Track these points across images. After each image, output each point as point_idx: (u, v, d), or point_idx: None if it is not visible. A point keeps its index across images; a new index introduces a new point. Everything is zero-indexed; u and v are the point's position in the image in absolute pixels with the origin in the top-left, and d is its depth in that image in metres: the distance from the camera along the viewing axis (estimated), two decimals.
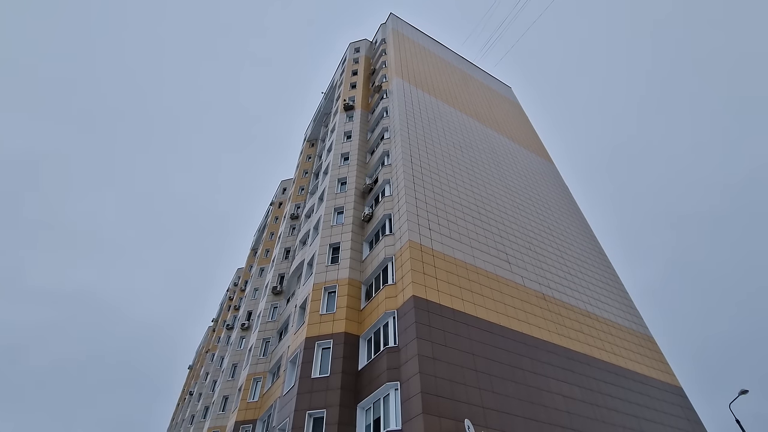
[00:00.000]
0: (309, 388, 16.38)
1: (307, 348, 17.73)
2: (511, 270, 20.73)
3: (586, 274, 25.19)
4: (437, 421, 12.61)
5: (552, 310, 20.28)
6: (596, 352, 19.89)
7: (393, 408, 13.97)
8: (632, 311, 25.38)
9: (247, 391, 24.59)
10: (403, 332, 15.43)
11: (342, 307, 18.73)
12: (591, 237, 30.15)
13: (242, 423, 23.07)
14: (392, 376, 14.57)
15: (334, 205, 24.40)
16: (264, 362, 25.53)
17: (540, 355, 17.43)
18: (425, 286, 16.59)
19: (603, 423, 16.73)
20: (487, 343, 16.22)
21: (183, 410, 51.53)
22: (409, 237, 18.29)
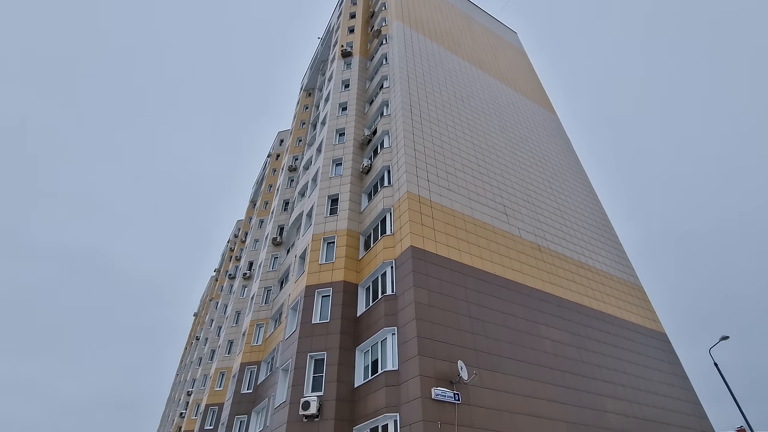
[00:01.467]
0: (310, 332, 17.12)
1: (308, 296, 18.32)
2: (509, 222, 20.95)
3: (582, 226, 25.50)
4: (432, 362, 13.32)
5: (546, 261, 20.76)
6: (586, 300, 20.63)
7: (390, 351, 14.70)
8: (624, 262, 26.01)
9: (250, 335, 25.73)
10: (401, 281, 15.87)
11: (341, 257, 19.11)
12: (589, 190, 30.18)
13: (247, 364, 24.38)
14: (389, 321, 15.18)
15: (332, 157, 24.12)
16: (266, 309, 26.48)
17: (532, 303, 18.08)
18: (423, 236, 16.82)
19: (588, 365, 17.72)
20: (482, 291, 16.75)
21: (191, 353, 54.21)
22: (407, 188, 18.28)
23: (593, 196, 29.90)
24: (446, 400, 12.66)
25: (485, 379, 14.03)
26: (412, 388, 12.83)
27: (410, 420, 12.35)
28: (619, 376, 18.47)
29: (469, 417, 12.82)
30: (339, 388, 15.19)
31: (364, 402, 14.52)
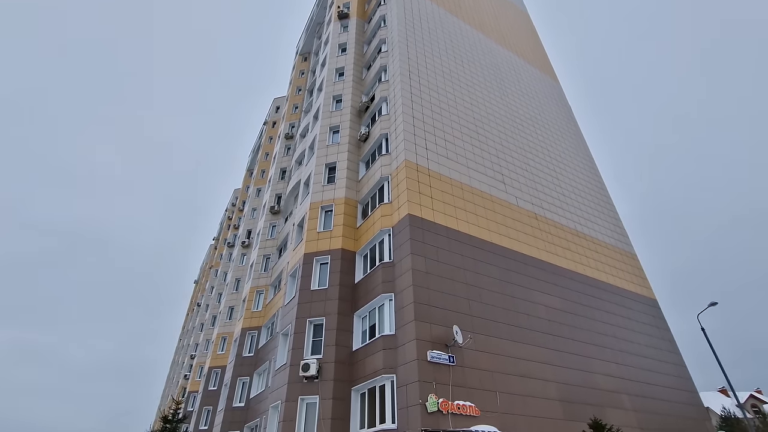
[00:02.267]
0: (309, 298, 17.47)
1: (306, 263, 18.55)
2: (506, 190, 20.95)
3: (579, 195, 25.56)
4: (428, 327, 13.70)
5: (543, 229, 20.95)
6: (580, 268, 21.00)
7: (387, 316, 15.08)
8: (619, 230, 26.28)
9: (250, 302, 26.24)
10: (398, 248, 16.05)
11: (339, 225, 19.21)
12: (588, 158, 30.04)
13: (248, 329, 25.01)
14: (387, 288, 15.47)
15: (329, 124, 23.74)
16: (265, 277, 26.87)
17: (527, 270, 18.40)
18: (420, 205, 16.86)
19: (579, 329, 18.27)
20: (478, 258, 16.98)
21: (192, 319, 55.45)
22: (405, 157, 18.13)
23: (591, 164, 29.80)
24: (441, 362, 13.12)
25: (479, 343, 14.49)
26: (408, 351, 13.27)
27: (406, 381, 12.84)
28: (608, 339, 19.10)
29: (463, 378, 13.34)
30: (337, 351, 15.68)
31: (362, 364, 15.03)
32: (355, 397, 14.89)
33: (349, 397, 14.88)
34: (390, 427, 12.62)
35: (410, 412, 12.17)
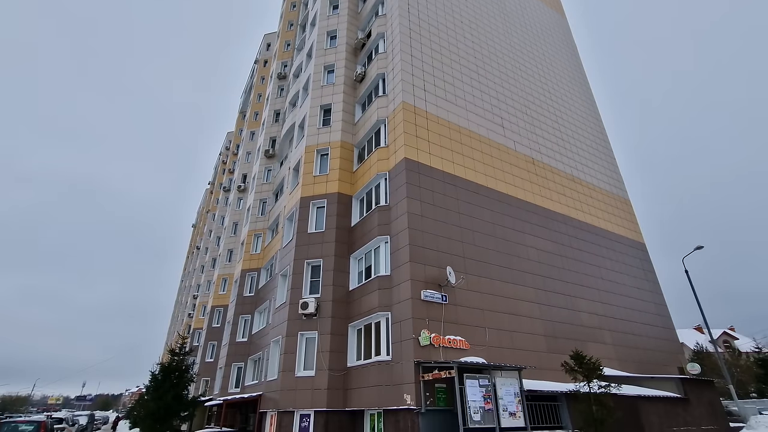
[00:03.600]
0: (306, 241, 17.82)
1: (303, 207, 18.68)
2: (504, 134, 20.64)
3: (577, 139, 25.26)
4: (422, 268, 14.15)
5: (539, 174, 20.95)
6: (573, 212, 21.32)
7: (383, 258, 15.49)
8: (615, 176, 26.34)
9: (249, 245, 26.74)
10: (394, 192, 16.10)
11: (335, 169, 19.09)
12: (590, 101, 29.29)
13: (247, 271, 25.74)
14: (383, 231, 15.75)
15: (323, 63, 22.70)
16: (263, 220, 27.14)
17: (521, 214, 18.67)
18: (417, 148, 16.66)
19: (568, 271, 18.95)
20: (473, 203, 17.14)
21: (193, 261, 56.73)
22: (402, 98, 17.58)
23: (593, 107, 29.13)
24: (434, 301, 13.73)
25: (471, 283, 15.07)
26: (403, 291, 13.82)
27: (401, 318, 13.51)
28: (595, 281, 19.90)
29: (455, 315, 14.04)
30: (335, 291, 16.30)
31: (358, 303, 15.71)
32: (351, 333, 15.74)
33: (346, 333, 15.73)
34: (385, 359, 13.48)
35: (404, 346, 12.94)
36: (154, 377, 19.41)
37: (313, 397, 14.55)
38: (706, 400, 15.75)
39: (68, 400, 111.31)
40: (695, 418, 14.77)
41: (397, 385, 12.54)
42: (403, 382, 12.38)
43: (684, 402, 14.86)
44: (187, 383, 19.73)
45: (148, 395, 19.79)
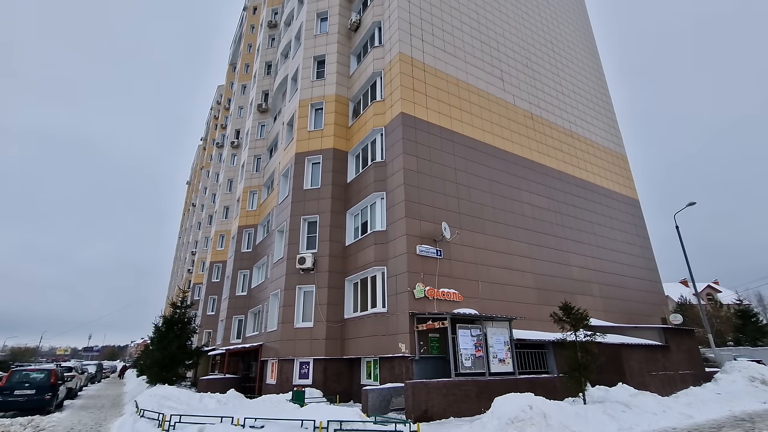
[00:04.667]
0: (302, 197, 17.82)
1: (298, 163, 18.49)
2: (504, 88, 20.10)
3: (578, 93, 24.69)
4: (418, 223, 14.30)
5: (537, 129, 20.67)
6: (570, 169, 21.29)
7: (379, 213, 15.59)
8: (614, 132, 26.07)
9: (245, 201, 26.71)
10: (390, 148, 15.91)
11: (330, 123, 18.70)
12: (593, 52, 28.33)
13: (244, 227, 25.90)
14: (379, 187, 15.72)
15: (316, 10, 21.53)
16: (257, 177, 26.93)
17: (517, 171, 18.62)
18: (414, 102, 16.26)
19: (561, 227, 19.24)
20: (470, 158, 17.02)
21: (189, 218, 56.87)
22: (399, 49, 16.89)
23: (596, 59, 28.22)
24: (429, 256, 14.01)
25: (466, 239, 15.32)
26: (398, 246, 14.04)
27: (396, 271, 13.84)
28: (587, 236, 20.27)
29: (449, 269, 14.39)
30: (331, 246, 16.55)
31: (354, 257, 16.00)
32: (348, 286, 16.17)
33: (343, 286, 16.15)
34: (380, 311, 13.96)
35: (399, 299, 13.36)
36: (158, 329, 20.11)
37: (311, 346, 15.20)
38: (685, 347, 16.63)
39: (76, 351, 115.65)
40: (673, 363, 15.67)
41: (393, 335, 13.09)
42: (398, 332, 12.91)
43: (664, 349, 15.70)
44: (190, 334, 20.47)
45: (153, 346, 20.60)
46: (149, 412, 9.66)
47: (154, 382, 18.35)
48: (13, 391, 13.52)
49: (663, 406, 10.70)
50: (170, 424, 8.59)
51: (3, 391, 13.46)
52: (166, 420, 8.69)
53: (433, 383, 10.68)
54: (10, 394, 13.45)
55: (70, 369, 22.98)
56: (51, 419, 12.31)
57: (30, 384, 13.83)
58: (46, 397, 13.69)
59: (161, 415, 8.95)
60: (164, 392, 12.98)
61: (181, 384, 19.94)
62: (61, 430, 10.48)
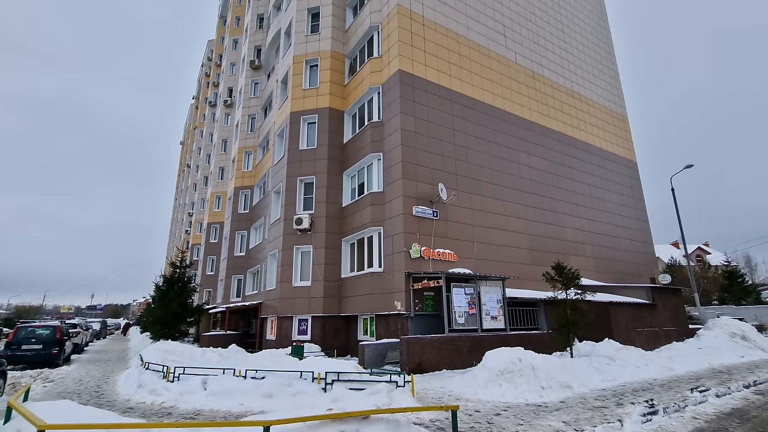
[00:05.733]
0: (298, 158, 17.62)
1: (293, 122, 18.12)
2: (506, 45, 19.40)
3: (582, 51, 23.91)
4: (414, 184, 14.26)
5: (538, 89, 20.18)
6: (569, 130, 21.01)
7: (376, 175, 15.51)
8: (616, 92, 25.52)
9: (240, 162, 26.41)
10: (387, 107, 15.56)
11: (325, 81, 18.16)
12: (600, 7, 27.14)
13: (240, 188, 25.78)
14: (375, 148, 15.53)
15: None
16: (252, 137, 26.46)
17: (516, 132, 18.37)
18: (412, 59, 15.72)
19: (558, 188, 19.27)
20: (468, 119, 16.72)
21: (185, 179, 56.40)
22: (398, 1, 16.09)
23: (602, 13, 27.09)
24: (425, 217, 14.10)
25: (462, 199, 15.35)
26: (395, 207, 14.09)
27: (393, 232, 13.97)
28: (583, 198, 20.36)
29: (445, 229, 14.53)
30: (328, 207, 16.58)
31: (351, 218, 16.08)
32: (345, 247, 16.37)
33: (340, 247, 16.35)
34: (377, 270, 14.22)
35: (395, 258, 13.58)
36: (158, 288, 20.49)
37: (309, 304, 15.61)
38: (671, 305, 17.22)
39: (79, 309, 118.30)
40: (659, 320, 16.29)
41: (389, 294, 13.42)
42: (394, 290, 13.23)
43: (651, 307, 16.25)
44: (190, 293, 20.91)
45: (154, 304, 21.08)
46: (154, 365, 10.03)
47: (157, 338, 18.94)
48: (20, 346, 13.96)
49: (646, 359, 11.22)
50: (174, 375, 8.96)
51: (11, 346, 13.89)
52: (170, 372, 9.05)
53: (427, 338, 11.09)
54: (18, 348, 13.89)
55: (75, 326, 23.62)
56: (59, 372, 12.80)
57: (36, 339, 14.25)
58: (53, 352, 14.16)
59: (165, 367, 9.31)
60: (168, 347, 13.43)
61: (184, 340, 20.61)
62: (70, 382, 10.92)
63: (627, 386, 8.84)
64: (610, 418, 6.21)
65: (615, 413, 6.47)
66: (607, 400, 7.47)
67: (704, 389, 8.24)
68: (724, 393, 8.27)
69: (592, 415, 6.43)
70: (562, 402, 7.35)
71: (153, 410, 7.33)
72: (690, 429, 6.04)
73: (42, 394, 9.24)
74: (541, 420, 6.18)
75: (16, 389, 9.52)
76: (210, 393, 7.89)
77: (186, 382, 8.59)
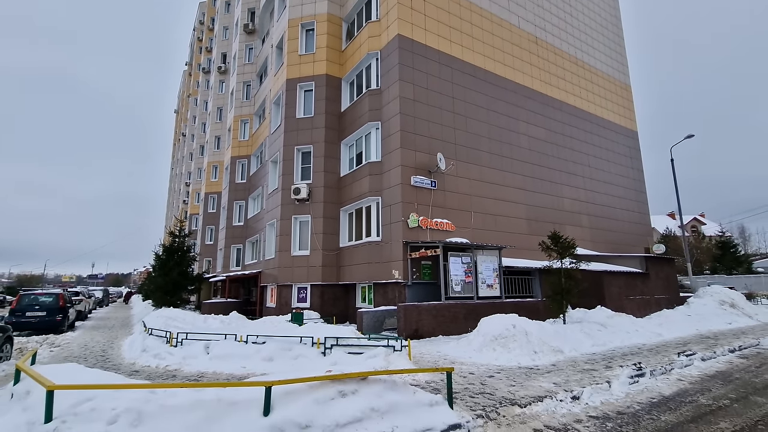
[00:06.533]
0: (295, 126, 17.36)
1: (289, 90, 17.72)
2: (509, 7, 18.72)
3: (587, 16, 23.13)
4: (413, 154, 14.14)
5: (541, 56, 19.67)
6: (571, 98, 20.65)
7: (374, 144, 15.34)
8: (620, 59, 24.91)
9: (236, 131, 26.01)
10: (386, 74, 15.19)
11: (322, 47, 17.62)
12: None
13: (237, 158, 25.52)
14: (373, 116, 15.28)
15: None
16: (248, 105, 25.94)
17: (517, 100, 18.05)
18: (412, 23, 15.20)
19: (557, 158, 19.16)
20: (469, 87, 16.38)
21: (180, 149, 55.71)
22: None
23: None
24: (423, 187, 14.08)
25: (461, 170, 15.28)
26: (393, 177, 14.03)
27: (391, 202, 13.98)
28: (582, 168, 20.29)
29: (443, 199, 14.55)
30: (326, 177, 16.50)
31: (349, 188, 16.05)
32: (343, 216, 16.42)
33: (338, 216, 16.41)
34: (375, 239, 14.34)
35: (393, 228, 13.66)
36: (158, 257, 20.67)
37: (308, 273, 15.82)
38: (663, 275, 17.53)
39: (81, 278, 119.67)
40: (651, 289, 16.64)
41: (386, 263, 13.59)
42: (392, 259, 13.39)
43: (644, 276, 16.56)
44: (190, 261, 21.11)
45: (155, 273, 21.32)
46: (157, 330, 10.27)
47: (159, 305, 19.28)
48: (24, 313, 14.21)
49: (636, 325, 11.54)
50: (177, 340, 9.20)
51: (15, 313, 14.14)
52: (173, 337, 9.29)
53: (424, 305, 11.34)
54: (23, 315, 14.15)
55: (77, 293, 23.97)
56: (65, 337, 13.12)
57: (40, 306, 14.49)
58: (57, 318, 14.43)
59: (168, 333, 9.54)
60: (170, 314, 13.71)
61: (185, 307, 20.99)
62: (75, 347, 11.21)
63: (617, 351, 9.14)
64: (598, 379, 6.46)
65: (604, 375, 6.73)
66: (596, 364, 7.74)
67: (690, 353, 8.53)
68: (710, 357, 8.58)
69: (582, 377, 6.68)
70: (554, 365, 7.62)
71: (158, 373, 7.57)
72: (675, 390, 6.30)
73: (48, 358, 9.50)
74: (532, 381, 6.42)
75: (23, 354, 9.78)
76: (213, 357, 8.13)
77: (189, 347, 8.83)
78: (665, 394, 6.03)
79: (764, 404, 5.53)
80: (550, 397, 5.53)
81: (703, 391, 6.18)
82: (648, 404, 5.56)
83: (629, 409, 5.36)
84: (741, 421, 4.86)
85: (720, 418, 4.96)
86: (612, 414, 5.16)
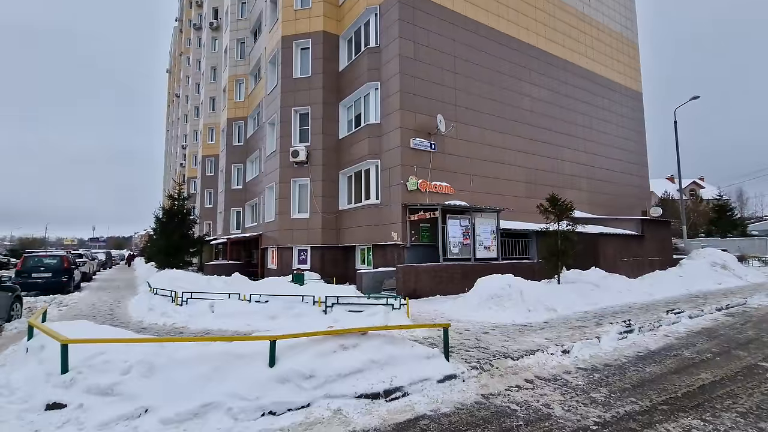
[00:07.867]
0: (292, 87, 16.93)
1: (285, 48, 17.13)
2: None
3: None
4: (413, 116, 13.91)
5: (547, 11, 18.87)
6: (576, 57, 20.04)
7: (373, 105, 15.04)
8: (629, 14, 23.95)
9: (231, 92, 25.36)
10: (385, 31, 14.63)
11: (318, 1, 16.85)
12: None
13: (233, 120, 25.06)
14: (372, 76, 14.88)
15: None
16: (243, 64, 25.14)
17: (521, 59, 17.51)
18: None
19: (558, 120, 18.85)
20: (471, 45, 15.83)
21: (175, 110, 54.50)
22: None
23: None
24: (423, 149, 13.95)
25: (461, 132, 15.09)
26: (392, 139, 13.87)
27: (390, 165, 13.91)
28: (584, 131, 20.03)
29: (443, 162, 14.47)
30: (324, 139, 16.31)
31: (348, 151, 15.90)
32: (342, 179, 16.39)
33: (337, 179, 16.37)
34: (374, 202, 14.40)
35: (392, 191, 13.68)
36: (159, 220, 20.80)
37: (308, 235, 16.01)
38: (659, 237, 17.79)
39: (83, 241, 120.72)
40: (645, 251, 16.94)
41: (386, 225, 13.73)
42: (391, 222, 13.52)
43: (639, 238, 16.80)
44: (191, 224, 21.27)
45: (156, 236, 21.54)
46: (162, 290, 10.54)
47: (162, 267, 19.62)
48: (30, 274, 14.49)
49: (628, 286, 11.87)
50: (183, 300, 9.47)
51: (21, 274, 14.42)
52: (178, 297, 9.55)
53: (422, 266, 11.59)
54: (29, 276, 14.44)
55: (80, 256, 24.32)
56: (72, 297, 13.46)
57: (45, 268, 14.76)
58: (63, 279, 14.74)
59: (173, 292, 9.80)
60: (174, 274, 14.00)
61: (188, 269, 21.39)
62: (83, 306, 11.54)
63: (608, 309, 9.46)
64: (589, 335, 6.74)
65: (594, 332, 7.01)
66: (588, 321, 8.04)
67: (679, 311, 8.84)
68: (697, 315, 8.90)
69: (573, 333, 6.97)
70: (546, 322, 7.91)
71: (165, 330, 7.86)
72: (661, 345, 6.60)
73: (58, 317, 9.81)
74: (525, 337, 6.70)
75: (32, 313, 10.08)
76: (218, 315, 8.41)
77: (194, 306, 9.11)
78: (651, 349, 6.32)
79: (745, 357, 5.81)
80: (542, 351, 5.81)
81: (687, 346, 6.48)
82: (634, 357, 5.84)
83: (616, 361, 5.64)
84: (722, 373, 5.13)
85: (702, 370, 5.24)
86: (600, 366, 5.44)
